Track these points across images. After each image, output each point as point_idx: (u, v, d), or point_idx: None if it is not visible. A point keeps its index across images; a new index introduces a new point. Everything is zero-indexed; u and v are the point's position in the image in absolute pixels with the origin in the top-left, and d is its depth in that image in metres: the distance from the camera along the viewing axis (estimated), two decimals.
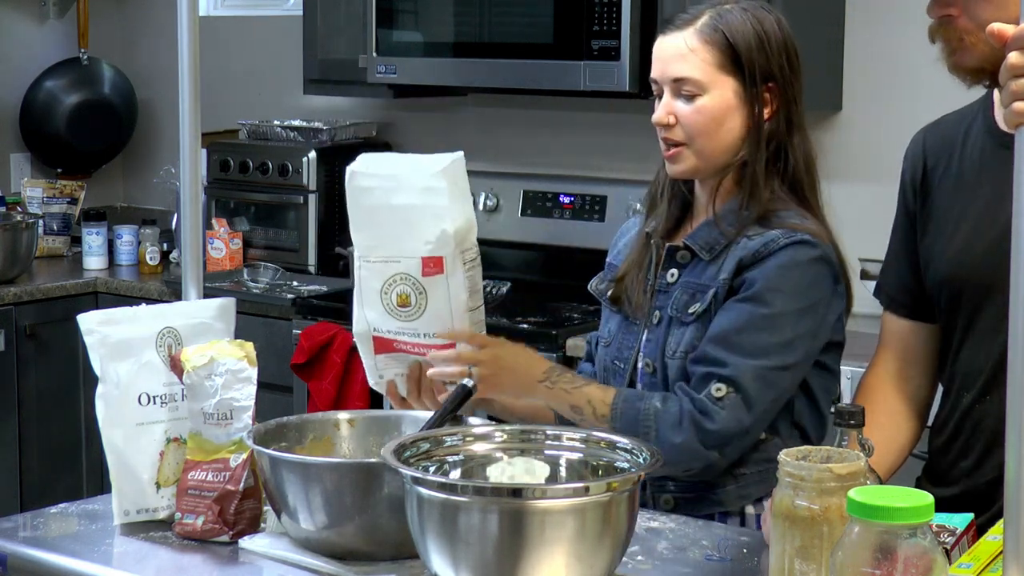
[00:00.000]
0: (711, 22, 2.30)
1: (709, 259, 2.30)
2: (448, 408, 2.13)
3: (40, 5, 5.37)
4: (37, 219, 4.88)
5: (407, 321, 2.27)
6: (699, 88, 2.28)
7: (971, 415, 2.10)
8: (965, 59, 2.03)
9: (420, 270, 2.24)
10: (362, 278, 2.27)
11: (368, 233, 2.26)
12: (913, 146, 2.21)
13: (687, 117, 2.29)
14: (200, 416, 2.10)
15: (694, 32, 2.29)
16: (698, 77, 2.28)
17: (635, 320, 2.38)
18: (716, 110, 2.29)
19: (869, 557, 1.48)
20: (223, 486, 2.07)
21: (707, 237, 2.32)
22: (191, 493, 2.09)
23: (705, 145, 2.30)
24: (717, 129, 2.30)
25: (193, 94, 2.51)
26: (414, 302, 2.25)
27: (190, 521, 2.08)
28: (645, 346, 2.35)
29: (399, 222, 2.23)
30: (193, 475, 2.10)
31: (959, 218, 2.10)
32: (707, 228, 2.33)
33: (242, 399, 2.10)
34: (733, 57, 2.29)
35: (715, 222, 2.32)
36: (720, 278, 2.27)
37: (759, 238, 2.27)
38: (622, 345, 2.39)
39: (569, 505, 1.73)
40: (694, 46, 2.29)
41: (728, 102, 2.30)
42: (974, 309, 2.07)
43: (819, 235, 2.27)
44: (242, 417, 2.09)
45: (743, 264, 2.26)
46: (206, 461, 2.10)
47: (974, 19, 2.01)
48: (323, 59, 4.55)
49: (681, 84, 2.29)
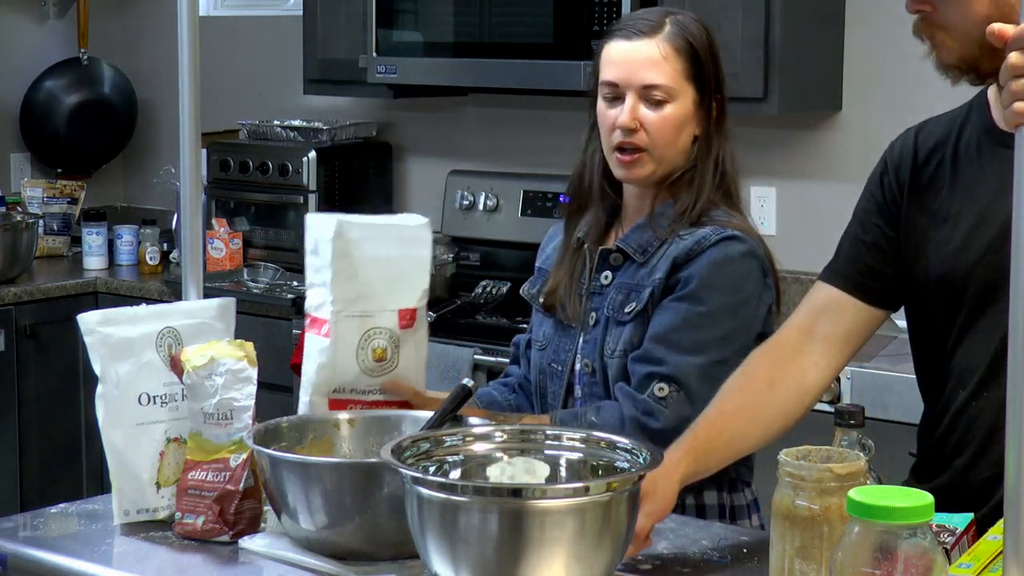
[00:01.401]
0: (678, 31, 2.35)
1: (642, 261, 2.36)
2: (448, 408, 2.13)
3: (40, 5, 5.37)
4: (37, 219, 4.88)
5: (378, 377, 2.28)
6: (668, 96, 2.34)
7: (966, 412, 2.10)
8: (941, 56, 2.05)
9: (397, 323, 2.27)
10: (338, 334, 2.24)
11: (347, 287, 2.25)
12: (903, 141, 2.21)
13: (653, 124, 2.34)
14: (200, 416, 2.10)
15: (664, 40, 2.34)
16: (669, 84, 2.33)
17: (571, 324, 2.42)
18: (679, 118, 2.35)
19: (869, 557, 1.48)
20: (223, 486, 2.07)
21: (639, 239, 2.38)
22: (191, 493, 2.09)
23: (665, 152, 2.35)
24: (677, 137, 2.36)
25: (193, 94, 2.51)
26: (390, 356, 2.28)
27: (190, 521, 2.08)
28: (583, 347, 2.39)
29: (380, 274, 2.26)
30: (193, 475, 2.10)
31: (957, 216, 2.09)
32: (639, 231, 2.38)
33: (242, 399, 2.10)
34: (696, 66, 2.36)
35: (648, 224, 2.37)
36: (655, 277, 2.33)
37: (690, 237, 2.33)
38: (559, 348, 2.43)
39: (569, 505, 1.73)
40: (667, 54, 2.33)
41: (688, 111, 2.36)
42: (973, 307, 2.07)
43: (746, 230, 2.35)
44: (242, 417, 2.09)
45: (677, 263, 2.32)
46: (206, 461, 2.10)
47: (943, 17, 2.02)
48: (323, 59, 4.55)
49: (651, 91, 2.33)
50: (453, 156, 4.73)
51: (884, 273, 2.16)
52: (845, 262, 2.19)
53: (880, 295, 2.17)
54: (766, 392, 2.14)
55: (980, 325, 2.06)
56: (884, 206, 2.17)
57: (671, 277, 2.31)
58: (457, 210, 4.58)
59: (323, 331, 2.24)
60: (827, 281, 2.20)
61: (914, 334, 2.21)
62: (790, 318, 2.21)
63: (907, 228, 2.15)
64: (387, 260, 2.27)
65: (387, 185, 4.84)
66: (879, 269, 2.16)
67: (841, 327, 2.17)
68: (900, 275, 2.16)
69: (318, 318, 2.25)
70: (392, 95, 4.49)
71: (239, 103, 5.07)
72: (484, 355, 3.78)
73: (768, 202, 4.12)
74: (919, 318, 2.18)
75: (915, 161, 2.16)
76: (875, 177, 2.21)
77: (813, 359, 2.16)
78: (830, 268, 2.21)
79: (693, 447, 2.07)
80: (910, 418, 2.37)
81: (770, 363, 2.17)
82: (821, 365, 2.17)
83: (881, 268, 2.16)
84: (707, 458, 2.08)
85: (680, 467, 2.03)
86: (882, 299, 2.17)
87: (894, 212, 2.16)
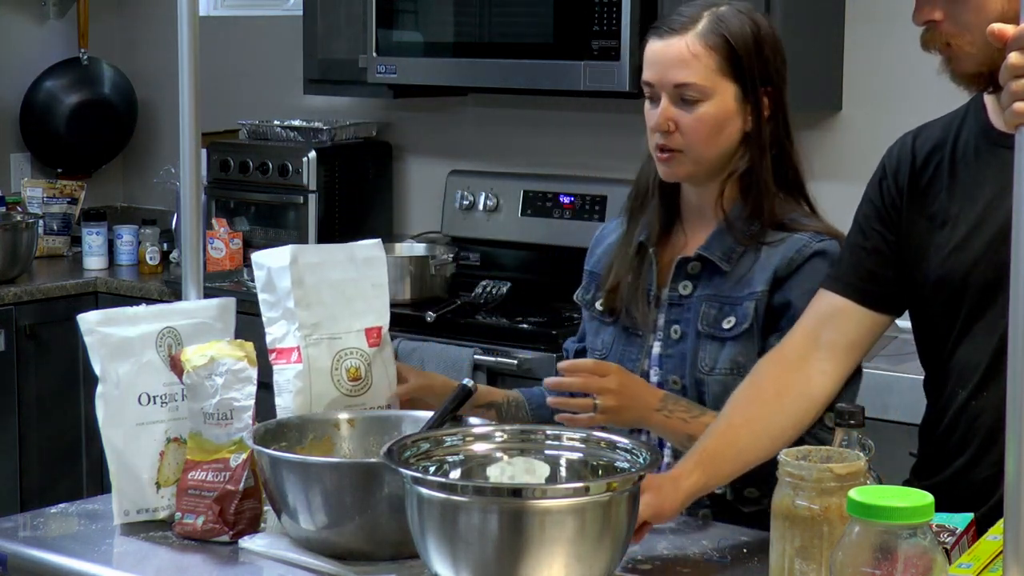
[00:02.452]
0: (712, 26, 2.26)
1: (728, 269, 2.29)
2: (448, 408, 2.13)
3: (40, 5, 5.37)
4: (37, 219, 4.88)
5: (357, 396, 2.29)
6: (702, 94, 2.26)
7: (966, 412, 2.10)
8: (961, 66, 2.02)
9: (365, 342, 2.30)
10: (311, 359, 2.25)
11: (310, 312, 2.26)
12: (900, 145, 2.21)
13: (688, 124, 2.27)
14: (200, 416, 2.10)
15: (696, 36, 2.26)
16: (702, 83, 2.26)
17: (637, 332, 2.36)
18: (717, 117, 2.27)
19: (869, 557, 1.48)
20: (223, 486, 2.07)
21: (722, 246, 2.31)
22: (191, 493, 2.09)
23: (703, 152, 2.28)
24: (716, 136, 2.28)
25: (193, 94, 2.51)
26: (364, 375, 2.30)
27: (190, 521, 2.08)
28: (663, 361, 2.32)
29: (340, 297, 2.29)
30: (193, 475, 2.10)
31: (957, 218, 2.09)
32: (720, 237, 2.31)
33: (242, 399, 2.10)
34: (734, 62, 2.27)
35: (727, 230, 2.30)
36: (755, 291, 2.26)
37: (784, 245, 2.27)
38: (623, 357, 2.36)
39: (569, 505, 1.73)
40: (697, 51, 2.26)
41: (728, 108, 2.28)
42: (973, 308, 2.07)
43: (839, 236, 2.29)
44: (242, 417, 2.09)
45: (779, 274, 2.26)
46: (206, 461, 2.10)
47: (958, 23, 1.99)
48: (323, 59, 4.55)
49: (683, 90, 2.26)
50: (453, 156, 4.73)
51: (887, 278, 2.16)
52: (847, 269, 2.19)
53: (883, 300, 2.17)
54: (774, 402, 2.13)
55: (980, 325, 2.06)
56: (884, 211, 2.17)
57: (775, 292, 2.25)
58: (457, 210, 4.58)
59: (293, 358, 2.25)
60: (830, 289, 2.19)
61: (917, 334, 2.21)
62: (795, 326, 2.21)
63: (907, 232, 2.15)
64: (344, 283, 2.30)
65: (387, 185, 4.84)
66: (881, 274, 2.16)
67: (846, 334, 2.17)
68: (902, 280, 2.16)
69: (284, 348, 2.26)
70: (392, 95, 4.49)
71: (239, 103, 5.07)
72: (484, 355, 3.77)
73: None
74: (920, 319, 2.18)
75: (913, 165, 2.16)
76: (874, 183, 2.21)
77: (820, 367, 2.16)
78: (832, 275, 2.21)
79: (703, 460, 2.06)
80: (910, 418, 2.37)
81: (777, 373, 2.16)
82: (828, 373, 2.16)
83: (883, 273, 2.16)
84: (716, 471, 2.07)
85: (691, 478, 2.03)
86: (885, 304, 2.17)
87: (894, 217, 2.16)
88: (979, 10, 1.97)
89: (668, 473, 2.03)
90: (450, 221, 4.61)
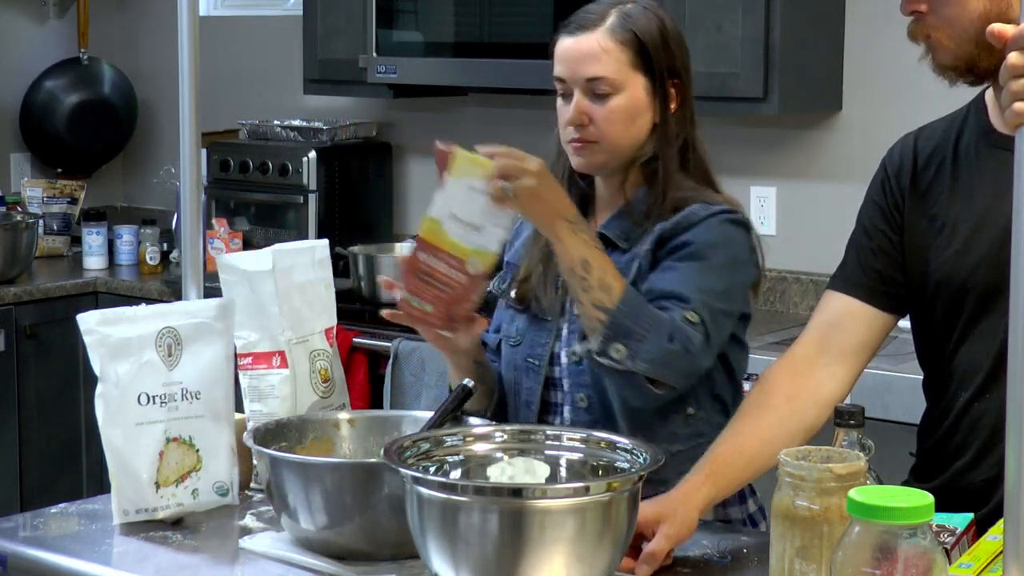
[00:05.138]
0: (621, 22, 2.33)
1: (626, 247, 2.33)
2: (448, 408, 2.13)
3: (40, 5, 5.37)
4: (37, 219, 4.88)
5: (327, 398, 2.31)
6: (613, 88, 2.32)
7: (968, 414, 2.10)
8: (938, 57, 2.05)
9: (327, 343, 2.32)
10: (295, 362, 2.27)
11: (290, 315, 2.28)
12: (902, 146, 2.21)
13: (601, 116, 2.32)
14: (448, 215, 2.13)
15: (606, 32, 2.33)
16: (613, 77, 2.32)
17: (546, 318, 2.39)
18: (628, 108, 2.33)
19: (869, 557, 1.48)
20: (461, 288, 2.13)
21: (621, 226, 2.36)
22: (422, 277, 2.13)
23: (617, 142, 2.34)
24: (629, 127, 2.34)
25: (193, 94, 2.51)
26: (331, 375, 2.32)
27: (417, 305, 2.13)
28: (569, 339, 2.36)
29: (306, 299, 2.31)
30: (426, 258, 2.12)
31: (958, 220, 2.09)
32: (619, 218, 2.37)
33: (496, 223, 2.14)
34: (643, 56, 2.33)
35: (626, 212, 2.36)
36: (643, 248, 2.31)
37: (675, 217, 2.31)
38: (534, 342, 2.40)
39: (569, 505, 1.73)
40: (608, 46, 2.32)
41: (639, 100, 2.34)
42: (976, 309, 2.07)
43: (736, 206, 2.35)
44: (492, 237, 2.13)
45: (664, 235, 2.30)
46: (442, 249, 2.13)
47: (939, 16, 2.02)
48: (323, 59, 4.55)
49: (595, 84, 2.32)
50: None
51: (893, 278, 2.16)
52: (853, 270, 2.19)
53: (890, 300, 2.17)
54: (784, 408, 2.14)
55: (982, 327, 2.06)
56: (887, 211, 2.17)
57: (659, 249, 2.29)
58: None
59: (275, 363, 2.26)
60: (837, 290, 2.20)
61: (917, 335, 2.21)
62: (803, 331, 2.21)
63: (909, 233, 2.15)
64: (306, 285, 2.32)
65: (387, 185, 4.84)
66: (888, 274, 2.16)
67: (855, 336, 2.17)
68: (908, 280, 2.16)
69: (262, 353, 2.27)
70: (392, 95, 4.49)
71: (239, 103, 5.07)
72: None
73: (768, 202, 4.11)
74: (921, 320, 2.18)
75: (915, 166, 2.16)
76: (876, 183, 2.21)
77: (830, 371, 2.16)
78: (839, 277, 2.21)
79: (713, 471, 2.06)
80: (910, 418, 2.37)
81: (787, 378, 2.16)
82: (838, 376, 2.17)
83: (890, 273, 2.16)
84: (728, 480, 2.08)
85: (701, 491, 2.03)
86: (892, 304, 2.17)
87: (897, 217, 2.16)
88: (961, 6, 1.99)
89: (678, 492, 2.02)
90: None
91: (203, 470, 2.19)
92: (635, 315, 2.16)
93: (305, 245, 2.38)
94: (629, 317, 2.16)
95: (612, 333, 2.17)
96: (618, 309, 2.16)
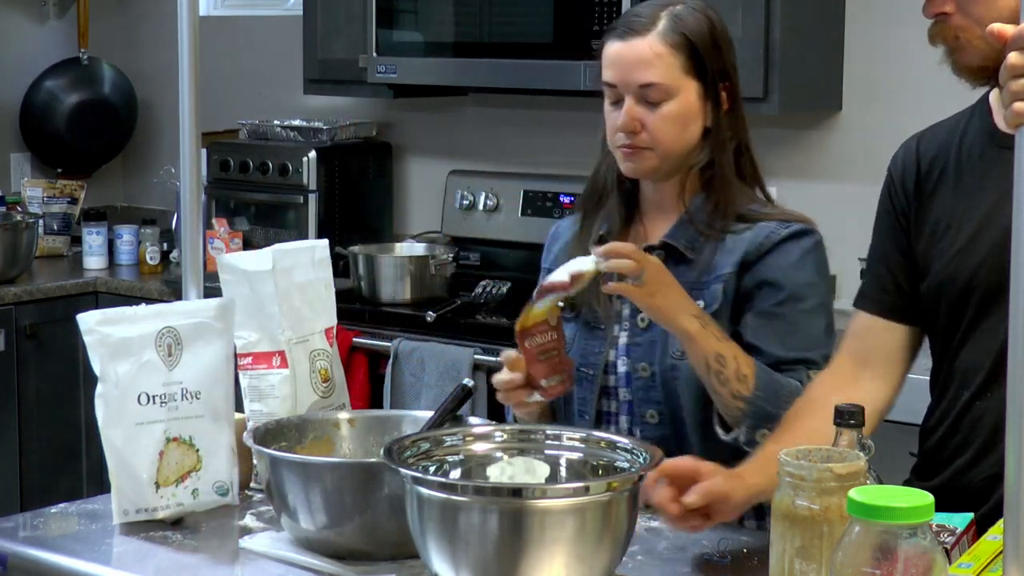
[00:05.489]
0: (672, 25, 2.29)
1: (692, 258, 2.31)
2: (448, 408, 2.13)
3: (40, 5, 5.37)
4: (37, 219, 4.88)
5: (327, 397, 2.31)
6: (666, 93, 2.29)
7: (969, 413, 2.10)
8: (965, 58, 2.03)
9: (327, 343, 2.32)
10: (295, 362, 2.26)
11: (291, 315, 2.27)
12: (905, 151, 2.21)
13: (654, 123, 2.29)
14: None
15: (657, 36, 2.29)
16: (666, 82, 2.28)
17: (600, 325, 2.36)
18: (681, 113, 2.30)
19: (869, 557, 1.48)
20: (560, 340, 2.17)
21: (686, 236, 2.33)
22: (542, 359, 2.16)
23: (669, 148, 2.31)
24: (682, 133, 2.31)
25: (193, 94, 2.51)
26: (331, 375, 2.32)
27: (555, 383, 2.17)
28: (630, 350, 2.33)
29: (306, 299, 2.31)
30: (530, 342, 2.16)
31: (961, 220, 2.10)
32: (683, 228, 2.34)
33: None
34: (695, 59, 2.30)
35: (689, 221, 2.33)
36: (724, 272, 2.28)
37: (750, 232, 2.30)
38: (587, 351, 2.36)
39: (569, 505, 1.73)
40: (660, 51, 2.28)
41: (691, 105, 2.31)
42: (978, 309, 2.08)
43: (809, 222, 2.33)
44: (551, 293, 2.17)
45: (748, 258, 2.28)
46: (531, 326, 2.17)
47: (968, 16, 2.01)
48: (323, 59, 4.55)
49: (647, 90, 2.29)
50: (453, 156, 4.73)
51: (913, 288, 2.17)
52: (872, 286, 2.22)
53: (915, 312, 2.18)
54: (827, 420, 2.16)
55: (984, 327, 2.07)
56: (897, 220, 2.18)
57: (744, 275, 2.27)
58: (457, 210, 4.58)
59: (275, 363, 2.26)
60: (861, 308, 2.22)
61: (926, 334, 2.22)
62: (840, 347, 2.24)
63: (916, 235, 2.16)
64: (306, 285, 2.32)
65: (387, 185, 4.84)
66: (906, 287, 2.18)
67: (885, 350, 2.20)
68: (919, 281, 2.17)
69: (263, 352, 2.27)
70: (392, 95, 4.49)
71: (239, 103, 5.07)
72: (484, 355, 3.77)
73: None
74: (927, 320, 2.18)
75: (918, 170, 2.16)
76: (884, 192, 2.22)
77: (873, 383, 2.18)
78: (862, 294, 2.24)
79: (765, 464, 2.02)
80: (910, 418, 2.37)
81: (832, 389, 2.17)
82: (881, 387, 2.19)
83: (907, 285, 2.18)
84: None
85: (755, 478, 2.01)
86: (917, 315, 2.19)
87: (905, 224, 2.17)
88: (989, 4, 1.98)
89: (732, 470, 2.03)
90: (450, 221, 4.61)
91: (203, 470, 2.19)
92: (773, 397, 2.16)
93: (305, 245, 2.38)
94: (768, 401, 2.15)
95: (755, 421, 2.17)
96: (755, 396, 2.16)
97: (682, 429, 2.29)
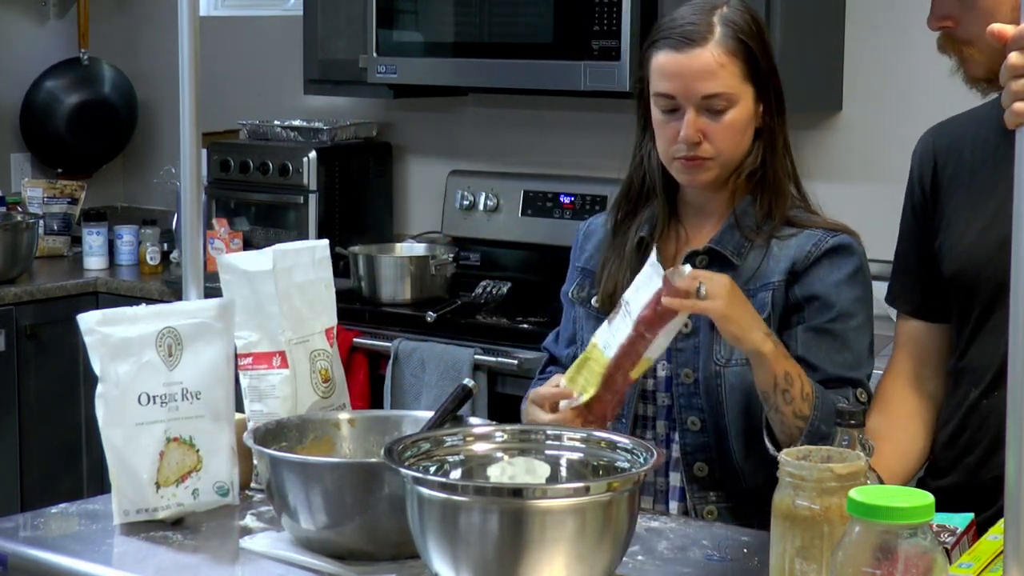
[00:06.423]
0: (729, 31, 2.25)
1: (738, 263, 2.29)
2: (448, 408, 2.13)
3: (40, 5, 5.37)
4: (37, 219, 4.88)
5: (328, 398, 2.30)
6: (729, 102, 2.26)
7: (978, 410, 2.11)
8: (971, 70, 2.05)
9: (327, 343, 2.31)
10: (295, 362, 2.26)
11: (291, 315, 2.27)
12: (922, 146, 2.22)
13: (717, 133, 2.26)
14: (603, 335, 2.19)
15: (718, 45, 2.24)
16: (730, 91, 2.25)
17: None
18: (742, 121, 2.28)
19: (869, 557, 1.48)
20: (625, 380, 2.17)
21: (733, 240, 2.31)
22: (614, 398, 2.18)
23: (731, 157, 2.29)
24: (742, 139, 2.29)
25: (193, 94, 2.51)
26: (331, 375, 2.32)
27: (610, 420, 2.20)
28: (673, 355, 2.30)
29: (306, 299, 2.30)
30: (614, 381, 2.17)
31: (971, 215, 2.10)
32: (730, 232, 2.31)
33: None
34: (752, 64, 2.27)
35: (736, 225, 2.31)
36: (772, 281, 2.27)
37: (796, 239, 2.29)
38: None
39: (569, 505, 1.73)
40: (723, 61, 2.25)
41: (749, 110, 2.29)
42: (986, 306, 2.08)
43: (851, 231, 2.32)
44: None
45: (796, 267, 2.27)
46: None
47: (967, 32, 2.02)
48: (323, 59, 4.55)
49: (712, 101, 2.25)
50: (453, 156, 4.73)
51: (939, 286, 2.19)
52: (905, 289, 2.26)
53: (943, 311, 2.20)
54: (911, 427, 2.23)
55: (992, 324, 2.07)
56: (918, 214, 2.20)
57: (793, 285, 2.27)
58: (457, 210, 4.58)
59: (275, 363, 2.25)
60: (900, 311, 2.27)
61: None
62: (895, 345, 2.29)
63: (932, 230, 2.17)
64: (306, 284, 2.32)
65: (387, 185, 4.84)
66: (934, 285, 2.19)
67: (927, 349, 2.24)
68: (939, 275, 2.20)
69: (264, 353, 2.27)
70: (392, 95, 4.49)
71: (239, 103, 5.07)
72: (484, 355, 3.77)
73: None
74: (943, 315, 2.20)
75: (935, 165, 2.17)
76: (907, 193, 2.25)
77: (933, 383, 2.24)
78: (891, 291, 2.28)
79: None
80: None
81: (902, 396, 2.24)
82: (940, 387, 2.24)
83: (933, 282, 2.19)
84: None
85: None
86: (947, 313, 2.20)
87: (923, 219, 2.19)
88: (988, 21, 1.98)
89: None
90: (450, 221, 4.61)
91: (203, 470, 2.19)
92: (827, 418, 2.15)
93: (305, 245, 2.38)
94: (824, 421, 2.15)
95: (810, 440, 2.15)
96: (815, 416, 2.16)
97: (724, 437, 2.28)
